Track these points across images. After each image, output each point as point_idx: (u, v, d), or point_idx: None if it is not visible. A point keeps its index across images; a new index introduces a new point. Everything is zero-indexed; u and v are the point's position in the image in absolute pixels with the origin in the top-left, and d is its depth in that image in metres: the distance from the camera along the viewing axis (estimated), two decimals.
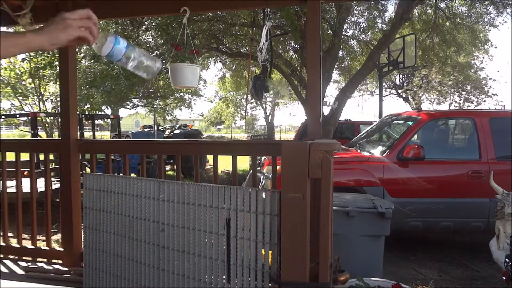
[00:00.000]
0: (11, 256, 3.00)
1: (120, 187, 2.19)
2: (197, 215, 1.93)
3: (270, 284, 1.78)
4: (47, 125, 9.23)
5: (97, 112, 10.72)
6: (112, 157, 5.35)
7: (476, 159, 4.42)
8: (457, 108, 12.77)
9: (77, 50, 6.28)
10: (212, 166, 2.70)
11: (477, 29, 11.09)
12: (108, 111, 14.48)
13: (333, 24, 8.01)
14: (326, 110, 7.71)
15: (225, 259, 1.84)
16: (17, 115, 9.18)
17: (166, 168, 10.57)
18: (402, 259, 4.27)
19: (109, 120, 14.41)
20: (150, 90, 16.13)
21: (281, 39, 9.39)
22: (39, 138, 6.53)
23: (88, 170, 5.83)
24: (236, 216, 1.82)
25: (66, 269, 2.72)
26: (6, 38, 0.93)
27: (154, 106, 19.64)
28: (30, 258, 2.99)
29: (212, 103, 30.13)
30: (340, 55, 10.65)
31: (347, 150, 5.16)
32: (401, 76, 15.95)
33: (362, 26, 10.30)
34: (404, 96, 15.87)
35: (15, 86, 9.20)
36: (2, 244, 3.03)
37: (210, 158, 8.25)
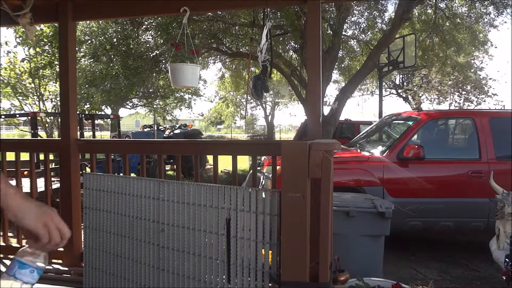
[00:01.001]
0: (11, 256, 3.00)
1: (120, 187, 2.19)
2: (197, 215, 1.93)
3: (270, 284, 1.78)
4: (47, 125, 9.23)
5: (97, 112, 10.72)
6: (112, 157, 5.35)
7: (476, 159, 4.41)
8: (457, 108, 12.78)
9: (77, 49, 6.29)
10: (212, 166, 2.70)
11: (476, 29, 11.09)
12: (108, 111, 14.50)
13: (333, 24, 8.01)
14: (326, 110, 7.71)
15: (225, 259, 1.84)
16: (17, 115, 9.18)
17: (166, 168, 10.57)
18: (402, 259, 4.27)
19: (109, 120, 14.42)
20: (150, 90, 16.13)
21: (281, 39, 9.39)
22: (39, 138, 6.53)
23: (88, 170, 5.83)
24: (236, 216, 1.82)
25: (66, 269, 2.71)
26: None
27: (154, 106, 19.65)
28: None
29: (212, 103, 30.20)
30: (340, 55, 10.65)
31: (347, 150, 5.16)
32: (401, 76, 15.95)
33: (362, 26, 10.31)
34: (404, 96, 15.87)
35: (15, 86, 9.20)
36: (2, 244, 3.03)
37: (210, 158, 8.25)
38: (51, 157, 3.63)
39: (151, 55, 8.50)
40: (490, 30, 11.39)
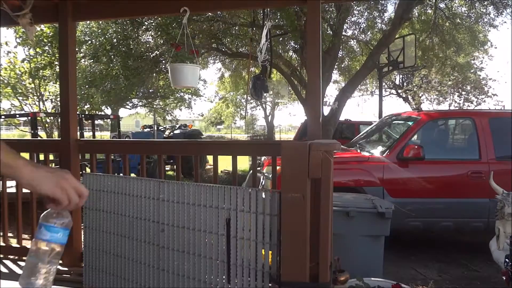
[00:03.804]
0: (11, 256, 3.00)
1: (120, 187, 2.19)
2: (197, 215, 1.93)
3: (270, 284, 1.77)
4: (47, 125, 9.23)
5: (97, 112, 10.72)
6: (112, 157, 5.35)
7: (476, 159, 4.41)
8: (457, 108, 12.77)
9: (77, 49, 6.29)
10: (212, 166, 2.70)
11: (476, 30, 11.10)
12: (108, 111, 14.49)
13: (333, 24, 8.01)
14: (326, 110, 7.71)
15: (225, 259, 1.84)
16: (17, 115, 9.19)
17: (166, 168, 10.56)
18: (402, 259, 4.26)
19: (109, 120, 14.42)
20: (150, 90, 16.13)
21: (281, 39, 9.39)
22: (39, 138, 6.52)
23: (88, 170, 5.83)
24: (236, 216, 1.82)
25: (66, 269, 2.71)
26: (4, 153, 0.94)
27: (154, 106, 19.64)
28: None
29: (212, 103, 30.15)
30: (340, 55, 10.65)
31: (347, 150, 5.16)
32: (401, 76, 15.94)
33: (362, 26, 10.31)
34: (404, 96, 15.85)
35: (15, 86, 9.21)
36: (2, 244, 3.03)
37: (210, 158, 8.25)
38: (51, 157, 3.63)
39: (151, 56, 8.49)
40: (490, 30, 11.41)
